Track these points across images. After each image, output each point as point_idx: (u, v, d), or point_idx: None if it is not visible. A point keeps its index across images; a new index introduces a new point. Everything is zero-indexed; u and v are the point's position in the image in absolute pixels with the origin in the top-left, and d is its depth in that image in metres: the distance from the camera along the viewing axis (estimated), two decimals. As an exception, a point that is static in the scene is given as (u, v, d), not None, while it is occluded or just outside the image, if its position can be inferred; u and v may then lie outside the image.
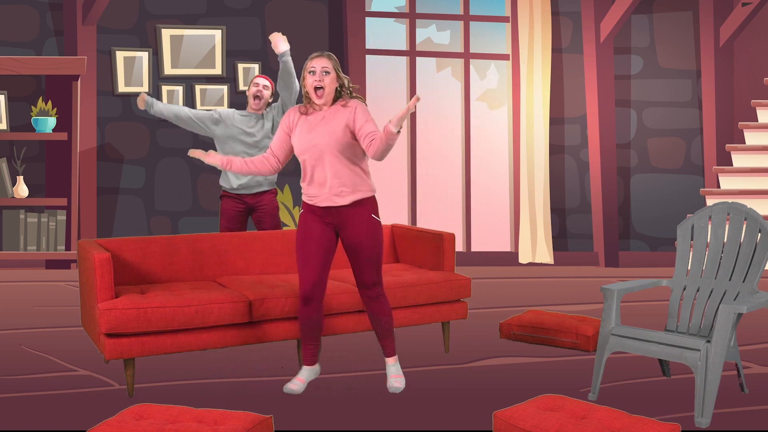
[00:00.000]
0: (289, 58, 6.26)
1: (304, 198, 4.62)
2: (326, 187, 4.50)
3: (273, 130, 6.22)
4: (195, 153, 4.70)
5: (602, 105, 9.61)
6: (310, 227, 4.57)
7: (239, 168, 4.71)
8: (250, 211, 6.34)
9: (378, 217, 4.59)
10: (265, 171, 4.69)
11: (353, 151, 4.52)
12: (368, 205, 4.57)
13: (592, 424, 3.64)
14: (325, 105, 4.57)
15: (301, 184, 4.62)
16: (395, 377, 4.73)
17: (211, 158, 4.68)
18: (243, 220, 6.35)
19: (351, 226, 4.54)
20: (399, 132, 4.35)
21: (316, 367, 4.77)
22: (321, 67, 4.54)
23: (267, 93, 6.26)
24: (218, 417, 3.65)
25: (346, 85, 4.60)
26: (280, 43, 6.26)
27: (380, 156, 4.45)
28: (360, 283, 4.63)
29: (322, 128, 4.51)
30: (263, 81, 6.30)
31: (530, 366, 5.30)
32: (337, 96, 4.59)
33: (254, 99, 6.24)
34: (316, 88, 4.53)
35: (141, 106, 6.25)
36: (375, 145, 4.44)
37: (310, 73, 4.55)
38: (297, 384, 4.65)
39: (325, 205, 4.54)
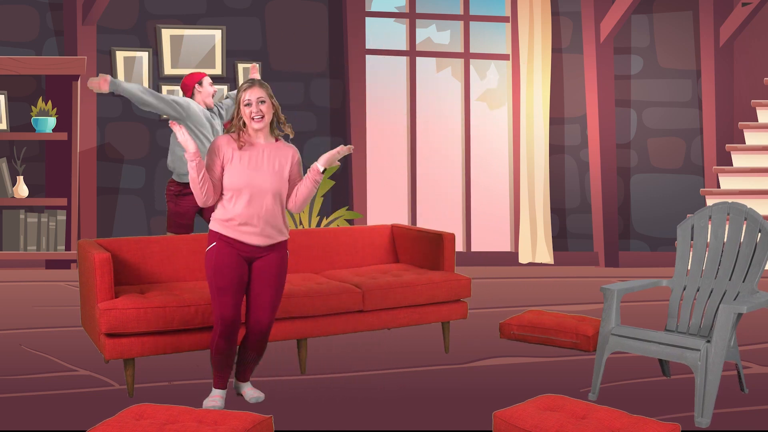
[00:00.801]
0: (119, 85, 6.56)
1: (220, 227, 4.38)
2: (262, 226, 4.35)
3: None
4: (173, 126, 4.42)
5: (602, 105, 9.61)
6: (232, 261, 4.33)
7: (198, 171, 4.32)
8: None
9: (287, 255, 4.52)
10: (210, 196, 4.37)
11: (284, 195, 4.47)
12: (286, 245, 4.50)
13: (592, 424, 3.65)
14: (262, 134, 4.44)
15: (221, 213, 4.38)
16: (252, 389, 4.62)
17: (183, 135, 4.36)
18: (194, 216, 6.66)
19: (268, 265, 4.40)
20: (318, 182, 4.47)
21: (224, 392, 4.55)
22: (256, 98, 4.40)
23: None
24: (218, 417, 3.65)
25: (279, 113, 4.49)
26: (104, 86, 6.51)
27: (300, 208, 4.50)
28: (254, 325, 4.44)
29: (267, 166, 4.39)
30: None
31: (530, 366, 5.30)
32: (272, 128, 4.49)
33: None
34: (254, 118, 4.39)
35: (104, 88, 6.31)
36: (301, 195, 4.48)
37: (246, 105, 4.39)
38: (219, 401, 4.45)
39: (253, 244, 4.37)
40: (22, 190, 8.74)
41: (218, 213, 4.41)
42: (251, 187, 4.35)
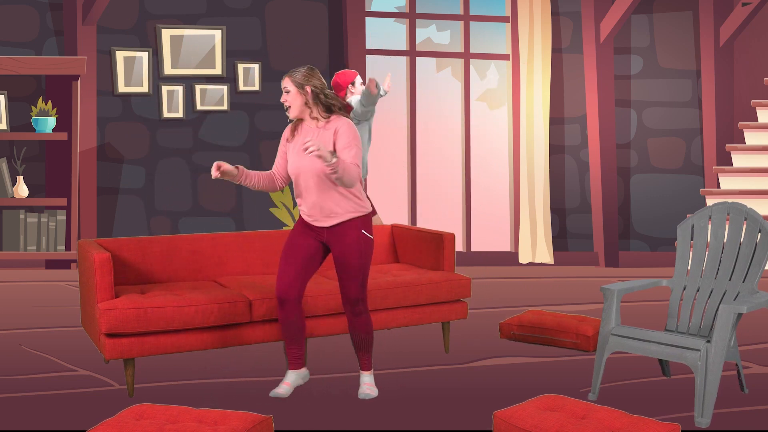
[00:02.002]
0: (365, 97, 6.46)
1: (299, 209, 4.66)
2: (316, 208, 4.52)
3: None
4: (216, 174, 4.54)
5: (602, 105, 9.61)
6: (300, 236, 4.61)
7: (253, 181, 4.65)
8: None
9: (370, 233, 4.57)
10: (272, 189, 4.72)
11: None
12: (358, 222, 4.55)
13: (592, 424, 3.64)
14: (308, 118, 4.55)
15: (296, 198, 4.64)
16: (368, 385, 4.67)
17: (225, 167, 4.52)
18: None
19: (340, 242, 4.54)
20: (335, 170, 4.36)
21: (303, 371, 4.70)
22: (283, 88, 4.56)
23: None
24: (218, 417, 3.65)
25: (321, 94, 4.51)
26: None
27: (344, 185, 4.46)
28: (345, 298, 4.60)
29: (304, 153, 4.45)
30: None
31: (530, 366, 5.30)
32: (329, 108, 4.54)
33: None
34: (285, 108, 4.58)
35: (373, 90, 6.37)
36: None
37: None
38: (284, 388, 4.61)
39: (317, 225, 4.56)
40: (22, 190, 8.74)
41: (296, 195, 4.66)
42: (301, 173, 4.52)
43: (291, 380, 4.66)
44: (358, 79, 6.71)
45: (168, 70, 9.22)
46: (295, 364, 4.67)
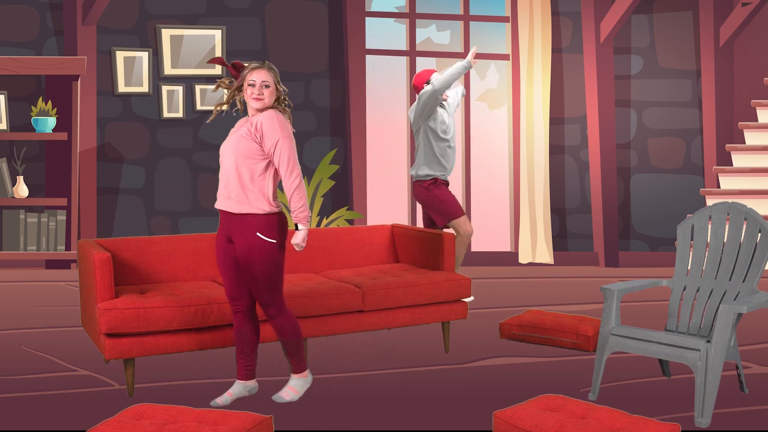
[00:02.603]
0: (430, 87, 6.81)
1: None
2: (222, 189, 4.44)
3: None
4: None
5: (602, 105, 9.61)
6: (222, 247, 4.49)
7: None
8: None
9: (267, 236, 4.36)
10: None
11: (250, 166, 4.39)
12: (255, 222, 4.37)
13: (592, 424, 3.64)
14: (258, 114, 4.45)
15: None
16: (288, 387, 4.55)
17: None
18: None
19: (236, 240, 4.41)
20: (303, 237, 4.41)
21: (251, 384, 4.58)
22: (261, 81, 4.39)
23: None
24: (218, 417, 3.65)
25: (282, 98, 4.48)
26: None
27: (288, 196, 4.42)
28: (257, 300, 4.51)
29: (235, 134, 4.47)
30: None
31: (530, 366, 5.30)
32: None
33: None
34: (255, 100, 4.41)
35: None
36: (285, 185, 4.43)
37: (249, 85, 4.40)
38: (224, 397, 4.48)
39: (221, 208, 4.45)
40: (22, 190, 8.74)
41: None
42: (223, 155, 4.47)
43: (235, 391, 4.53)
44: (434, 76, 6.95)
45: (168, 70, 9.22)
46: (243, 375, 4.56)
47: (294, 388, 4.56)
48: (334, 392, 4.69)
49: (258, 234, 4.36)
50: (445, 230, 6.61)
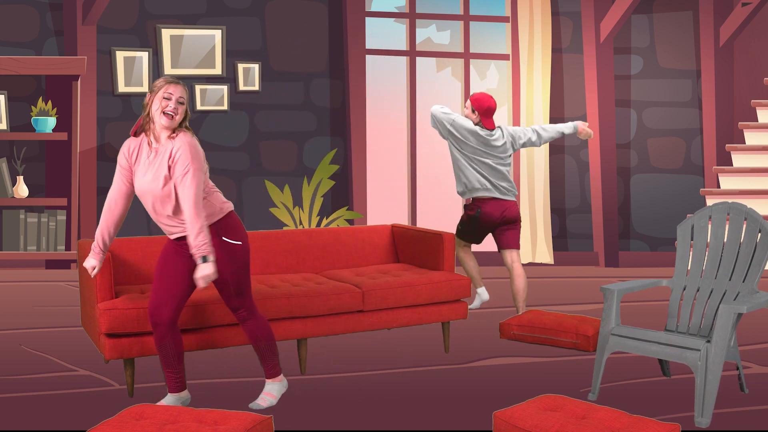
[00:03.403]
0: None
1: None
2: (169, 225, 4.33)
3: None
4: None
5: (602, 105, 9.61)
6: (170, 255, 4.36)
7: (111, 238, 4.42)
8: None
9: (232, 238, 4.32)
10: (121, 217, 4.40)
11: (171, 195, 4.26)
12: (214, 229, 4.30)
13: (592, 424, 3.64)
14: (165, 133, 4.26)
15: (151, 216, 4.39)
16: (266, 394, 4.48)
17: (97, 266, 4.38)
18: None
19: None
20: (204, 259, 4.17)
21: (183, 395, 4.43)
22: (177, 97, 4.23)
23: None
24: (218, 417, 3.65)
25: (186, 119, 4.31)
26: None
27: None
28: (227, 305, 4.47)
29: (151, 171, 4.24)
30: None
31: (530, 366, 5.30)
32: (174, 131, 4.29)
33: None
34: (165, 113, 4.20)
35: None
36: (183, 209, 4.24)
37: (165, 98, 4.21)
38: None
39: (175, 238, 4.36)
40: (22, 190, 8.74)
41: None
42: (143, 193, 4.29)
43: (168, 402, 4.38)
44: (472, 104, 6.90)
45: (168, 70, 9.22)
46: (173, 387, 4.40)
47: (270, 393, 4.47)
48: (334, 392, 4.69)
49: (223, 238, 4.30)
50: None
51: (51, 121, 8.67)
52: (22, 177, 8.79)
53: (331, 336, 5.44)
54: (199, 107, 9.26)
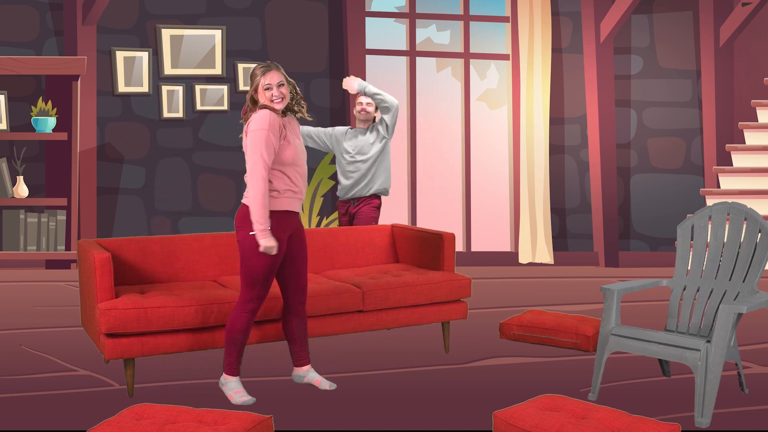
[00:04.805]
0: (371, 88, 6.48)
1: (284, 204, 4.51)
2: (300, 189, 4.65)
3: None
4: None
5: (602, 105, 9.61)
6: (283, 240, 4.58)
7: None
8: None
9: (248, 231, 4.45)
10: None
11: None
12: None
13: (592, 424, 3.64)
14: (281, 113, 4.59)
15: (279, 189, 4.49)
16: (320, 379, 4.79)
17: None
18: None
19: (298, 230, 4.69)
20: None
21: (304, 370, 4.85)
22: (276, 82, 4.49)
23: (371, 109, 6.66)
24: (218, 417, 3.65)
25: (297, 91, 4.68)
26: (352, 85, 6.53)
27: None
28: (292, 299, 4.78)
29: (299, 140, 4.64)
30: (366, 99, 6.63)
31: (530, 366, 5.30)
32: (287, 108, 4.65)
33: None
34: (274, 99, 4.50)
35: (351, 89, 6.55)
36: None
37: (266, 89, 4.49)
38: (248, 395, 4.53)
39: (295, 209, 4.61)
40: (22, 190, 8.74)
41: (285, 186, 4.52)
42: (303, 159, 4.64)
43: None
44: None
45: (168, 70, 9.22)
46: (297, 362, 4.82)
47: (228, 386, 4.59)
48: (334, 392, 4.69)
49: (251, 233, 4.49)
50: None
51: (51, 121, 8.67)
52: (22, 177, 8.79)
53: (331, 336, 5.44)
54: (199, 107, 9.26)
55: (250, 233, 4.44)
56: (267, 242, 4.39)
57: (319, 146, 6.75)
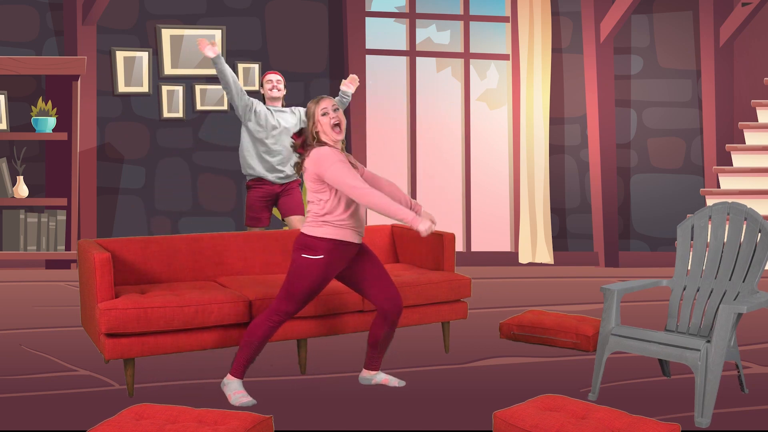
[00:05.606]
0: (220, 61, 6.32)
1: (333, 234, 4.53)
2: (360, 222, 4.64)
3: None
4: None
5: (602, 105, 9.61)
6: (335, 270, 4.59)
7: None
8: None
9: (305, 254, 4.52)
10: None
11: None
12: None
13: (592, 424, 3.64)
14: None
15: (333, 216, 4.53)
16: (388, 378, 4.83)
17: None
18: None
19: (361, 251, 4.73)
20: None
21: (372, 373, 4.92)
22: (332, 106, 4.56)
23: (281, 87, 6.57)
24: (218, 417, 3.65)
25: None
26: (207, 51, 6.31)
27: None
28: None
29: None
30: (276, 76, 6.48)
31: (530, 366, 5.30)
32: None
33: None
34: (335, 125, 4.56)
35: (212, 52, 6.29)
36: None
37: (323, 115, 4.54)
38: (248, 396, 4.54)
39: (356, 241, 4.61)
40: (22, 190, 8.74)
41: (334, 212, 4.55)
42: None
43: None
44: (266, 78, 6.63)
45: (168, 70, 9.22)
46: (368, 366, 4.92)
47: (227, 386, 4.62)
48: (334, 392, 4.69)
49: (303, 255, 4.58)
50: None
51: (51, 121, 8.67)
52: (22, 177, 8.79)
53: (331, 336, 5.44)
54: (199, 107, 9.26)
55: (303, 255, 4.50)
56: (422, 225, 4.44)
57: (241, 105, 6.52)
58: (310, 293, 4.54)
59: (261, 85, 6.68)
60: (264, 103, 6.66)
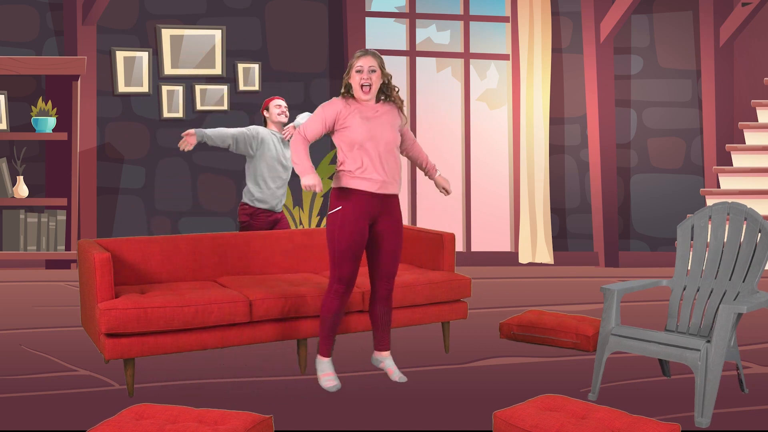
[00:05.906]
0: (204, 133, 6.09)
1: (352, 183, 4.61)
2: (389, 174, 4.66)
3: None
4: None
5: (602, 105, 9.61)
6: (359, 219, 4.63)
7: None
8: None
9: (330, 212, 4.69)
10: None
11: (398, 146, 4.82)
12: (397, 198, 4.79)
13: (592, 424, 3.64)
14: (371, 101, 4.70)
15: (350, 170, 4.61)
16: (393, 368, 4.93)
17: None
18: None
19: (386, 220, 4.72)
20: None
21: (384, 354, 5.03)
22: (368, 66, 4.64)
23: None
24: (218, 417, 3.65)
25: (389, 83, 4.74)
26: (187, 146, 6.07)
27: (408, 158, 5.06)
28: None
29: (382, 121, 4.67)
30: (284, 102, 6.35)
31: (530, 366, 5.30)
32: (380, 93, 4.73)
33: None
34: (363, 86, 4.63)
35: (190, 145, 6.04)
36: (416, 148, 5.00)
37: (357, 71, 4.64)
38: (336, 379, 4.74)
39: (385, 192, 4.66)
40: (22, 190, 8.74)
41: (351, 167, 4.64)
42: (373, 139, 4.63)
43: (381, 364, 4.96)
44: (273, 103, 6.31)
45: (168, 70, 9.22)
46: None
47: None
48: (334, 392, 4.69)
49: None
50: None
51: (51, 121, 8.67)
52: (22, 177, 8.79)
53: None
54: (199, 107, 9.26)
55: (329, 212, 4.66)
56: (303, 180, 4.55)
57: (238, 149, 6.21)
58: (348, 248, 4.61)
59: (266, 108, 6.43)
60: (265, 126, 6.42)
